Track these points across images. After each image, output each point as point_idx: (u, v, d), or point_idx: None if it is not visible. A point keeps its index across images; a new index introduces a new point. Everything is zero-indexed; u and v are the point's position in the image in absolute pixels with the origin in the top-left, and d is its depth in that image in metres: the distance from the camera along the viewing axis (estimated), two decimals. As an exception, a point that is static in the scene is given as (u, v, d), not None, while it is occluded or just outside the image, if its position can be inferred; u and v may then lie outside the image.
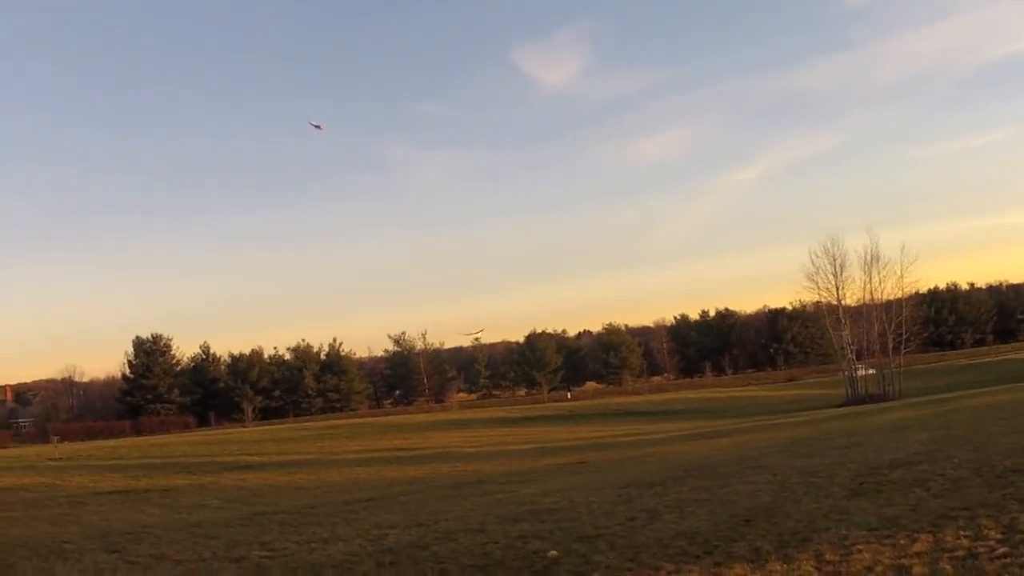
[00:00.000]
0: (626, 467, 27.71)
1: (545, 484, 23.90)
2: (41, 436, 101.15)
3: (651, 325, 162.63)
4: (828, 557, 10.32)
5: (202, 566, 14.87)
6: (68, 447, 69.11)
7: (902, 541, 10.67)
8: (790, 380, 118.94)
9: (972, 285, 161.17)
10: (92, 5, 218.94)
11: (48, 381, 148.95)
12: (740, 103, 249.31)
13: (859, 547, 10.57)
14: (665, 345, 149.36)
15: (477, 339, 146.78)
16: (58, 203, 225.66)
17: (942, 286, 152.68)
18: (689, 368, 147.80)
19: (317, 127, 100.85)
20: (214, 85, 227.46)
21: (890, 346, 77.18)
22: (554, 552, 12.74)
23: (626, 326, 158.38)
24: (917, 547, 10.30)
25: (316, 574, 13.49)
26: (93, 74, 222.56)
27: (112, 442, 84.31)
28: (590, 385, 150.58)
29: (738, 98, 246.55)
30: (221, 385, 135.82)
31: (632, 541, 12.96)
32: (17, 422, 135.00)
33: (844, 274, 78.35)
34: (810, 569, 9.99)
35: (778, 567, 10.18)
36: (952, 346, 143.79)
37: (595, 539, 13.46)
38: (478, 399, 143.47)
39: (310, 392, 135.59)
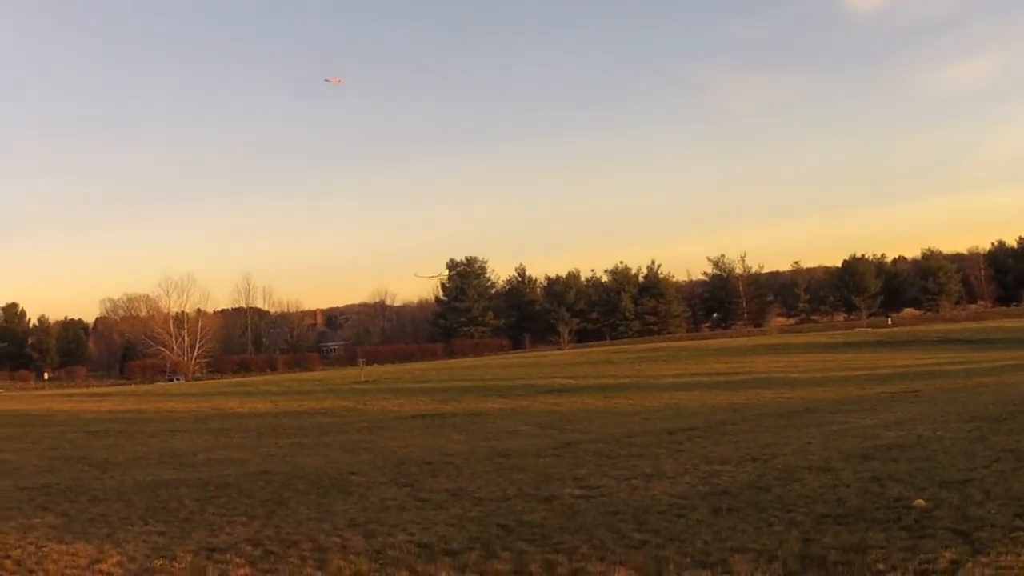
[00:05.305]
0: (963, 398, 27.24)
1: (882, 415, 23.59)
2: (350, 359, 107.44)
3: (964, 252, 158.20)
4: None
5: (504, 506, 13.78)
6: (375, 370, 72.68)
7: None
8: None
9: None
10: None
11: (360, 305, 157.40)
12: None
13: None
14: (983, 272, 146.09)
15: (443, 281, 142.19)
16: (372, 127, 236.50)
17: None
18: (1005, 296, 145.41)
19: (332, 81, 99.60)
20: (526, 16, 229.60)
21: None
22: (921, 501, 11.60)
23: (940, 253, 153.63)
24: None
25: (640, 522, 12.01)
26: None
27: (422, 364, 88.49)
28: (908, 311, 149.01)
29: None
30: (537, 308, 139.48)
31: (1010, 490, 11.61)
32: (326, 346, 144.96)
33: None
34: None
35: None
36: None
37: (963, 485, 12.25)
38: (796, 324, 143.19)
39: (627, 315, 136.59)
